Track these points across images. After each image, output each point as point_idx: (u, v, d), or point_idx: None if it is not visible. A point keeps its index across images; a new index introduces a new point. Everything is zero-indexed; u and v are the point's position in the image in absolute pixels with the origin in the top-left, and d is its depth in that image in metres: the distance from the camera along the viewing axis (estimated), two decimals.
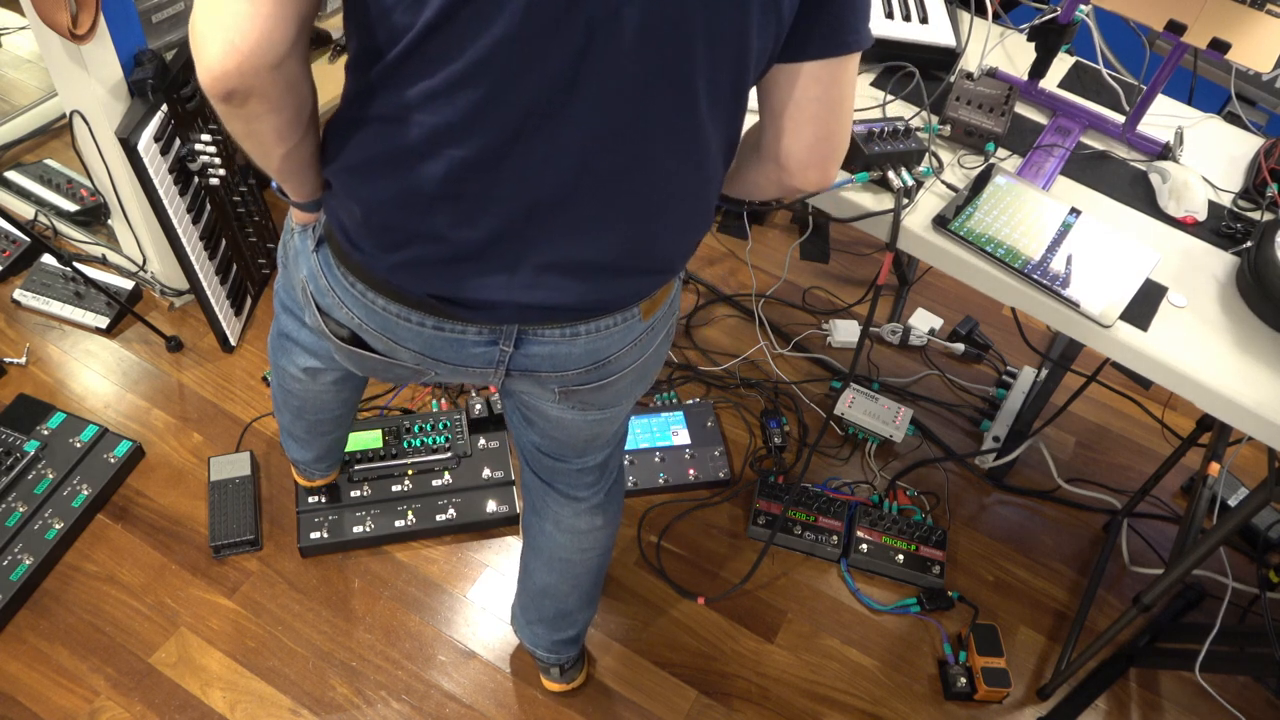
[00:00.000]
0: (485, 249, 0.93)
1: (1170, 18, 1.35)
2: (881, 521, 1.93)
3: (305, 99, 0.90)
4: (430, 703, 1.66)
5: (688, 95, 0.87)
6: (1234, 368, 1.24)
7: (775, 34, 0.87)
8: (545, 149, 0.86)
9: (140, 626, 1.69)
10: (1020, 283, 1.30)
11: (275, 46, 0.79)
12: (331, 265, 1.05)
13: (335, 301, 1.07)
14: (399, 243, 0.95)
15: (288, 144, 0.92)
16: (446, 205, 0.90)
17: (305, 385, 1.46)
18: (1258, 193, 1.47)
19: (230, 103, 0.83)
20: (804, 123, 0.96)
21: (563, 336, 1.03)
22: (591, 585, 1.52)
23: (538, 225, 0.92)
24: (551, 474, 1.37)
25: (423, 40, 0.80)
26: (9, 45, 2.69)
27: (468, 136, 0.85)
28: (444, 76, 0.82)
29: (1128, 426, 2.27)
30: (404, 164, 0.88)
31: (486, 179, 0.88)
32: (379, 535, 1.82)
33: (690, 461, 2.01)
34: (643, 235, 0.97)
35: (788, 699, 1.74)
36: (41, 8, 1.55)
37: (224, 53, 0.78)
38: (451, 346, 1.04)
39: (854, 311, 2.40)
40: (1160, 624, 1.88)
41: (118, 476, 1.85)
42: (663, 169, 0.92)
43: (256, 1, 0.77)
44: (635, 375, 1.15)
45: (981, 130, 1.45)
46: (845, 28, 0.90)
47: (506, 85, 0.82)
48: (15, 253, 2.19)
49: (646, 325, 1.09)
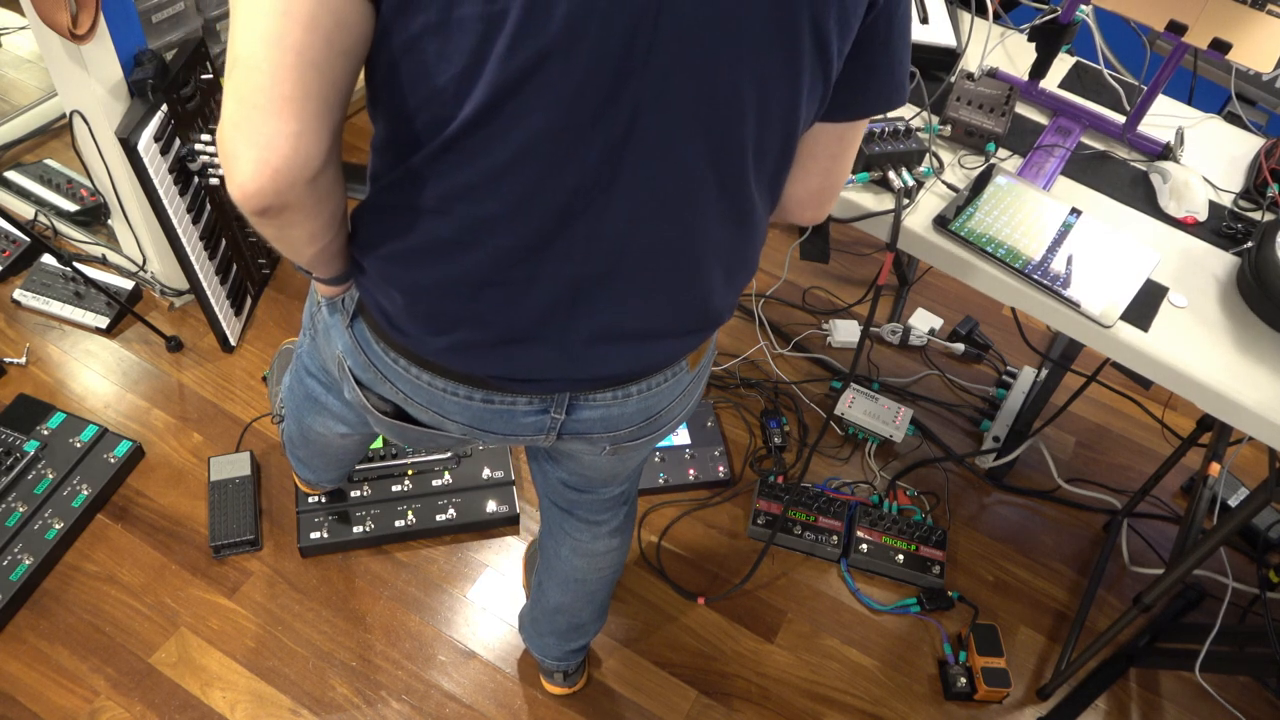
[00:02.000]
0: (533, 329, 0.91)
1: (1171, 18, 1.35)
2: (881, 521, 1.93)
3: (339, 203, 0.87)
4: (430, 703, 1.66)
5: (736, 167, 0.86)
6: (1234, 368, 1.24)
7: (822, 98, 0.87)
8: (591, 230, 0.84)
9: (140, 626, 1.68)
10: (1020, 283, 1.30)
11: (311, 161, 0.75)
12: (371, 342, 1.01)
13: (377, 377, 1.03)
14: (445, 328, 0.93)
15: (320, 244, 0.89)
16: (492, 291, 0.88)
17: (330, 441, 1.43)
18: (1258, 193, 1.47)
19: (266, 216, 0.79)
20: (814, 172, 0.97)
21: (614, 399, 1.02)
22: (604, 599, 1.52)
23: (585, 302, 0.90)
24: (572, 503, 1.35)
25: (464, 134, 0.77)
26: (9, 45, 2.69)
27: (513, 225, 0.83)
28: (487, 167, 0.79)
29: (1128, 426, 2.27)
30: (447, 254, 0.86)
31: (532, 262, 0.86)
32: (379, 535, 1.82)
33: (690, 461, 2.01)
34: (692, 297, 0.95)
35: (788, 699, 1.74)
36: (41, 8, 1.55)
37: (257, 171, 0.74)
38: (501, 418, 1.02)
39: (854, 311, 2.40)
40: (1160, 624, 1.88)
41: (118, 476, 1.85)
42: (711, 237, 0.91)
43: (288, 117, 0.73)
44: (680, 419, 1.14)
45: (982, 130, 1.45)
46: (894, 86, 0.90)
47: (551, 174, 0.80)
48: (15, 253, 2.19)
49: (694, 375, 1.08)
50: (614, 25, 0.72)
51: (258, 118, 0.73)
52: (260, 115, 0.72)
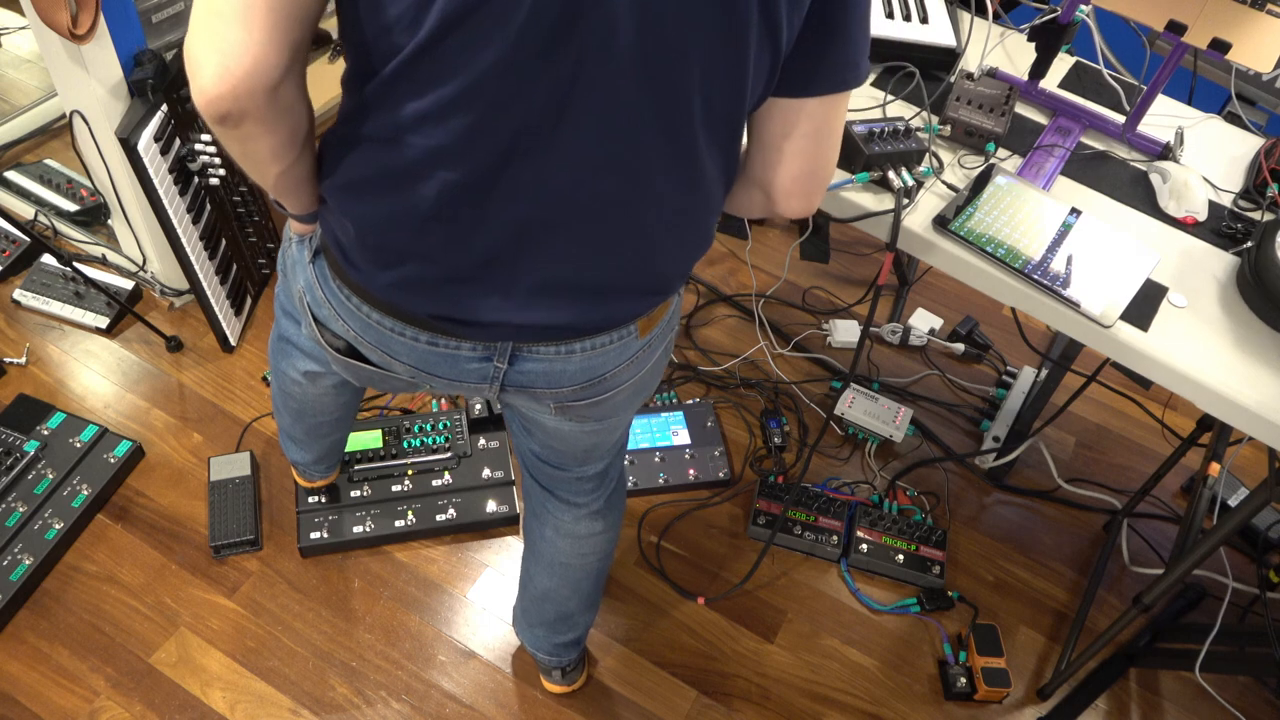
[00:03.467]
0: (478, 271, 0.93)
1: (1170, 18, 1.35)
2: (881, 521, 1.93)
3: (301, 120, 0.89)
4: (430, 703, 1.66)
5: (683, 125, 0.87)
6: (1234, 368, 1.24)
7: (771, 68, 0.87)
8: (537, 173, 0.86)
9: (140, 626, 1.69)
10: (1020, 283, 1.30)
11: (270, 71, 0.79)
12: (328, 278, 1.05)
13: (331, 314, 1.07)
14: (392, 262, 0.95)
15: (283, 163, 0.92)
16: (439, 227, 0.90)
17: (305, 389, 1.46)
18: (1258, 193, 1.47)
19: (225, 125, 0.83)
20: (793, 155, 0.97)
21: (558, 354, 1.03)
22: (592, 589, 1.52)
23: (531, 247, 0.92)
24: (552, 481, 1.37)
25: (415, 62, 0.79)
26: (9, 45, 2.69)
27: (459, 160, 0.85)
28: (435, 99, 0.81)
29: (1128, 426, 2.27)
30: (396, 185, 0.88)
31: (478, 202, 0.88)
32: (379, 535, 1.82)
33: (690, 461, 2.01)
34: (638, 257, 0.97)
35: (788, 699, 1.74)
36: (41, 8, 1.55)
37: (218, 76, 0.78)
38: (446, 362, 1.04)
39: (854, 311, 2.40)
40: (1160, 624, 1.88)
41: (118, 476, 1.85)
42: (659, 194, 0.92)
43: (251, 26, 0.77)
44: (632, 390, 1.15)
45: (982, 130, 1.45)
46: (845, 64, 0.90)
47: (497, 110, 0.82)
48: (15, 253, 2.19)
49: (643, 343, 1.08)
50: None
51: (222, 26, 0.77)
52: (224, 24, 0.77)
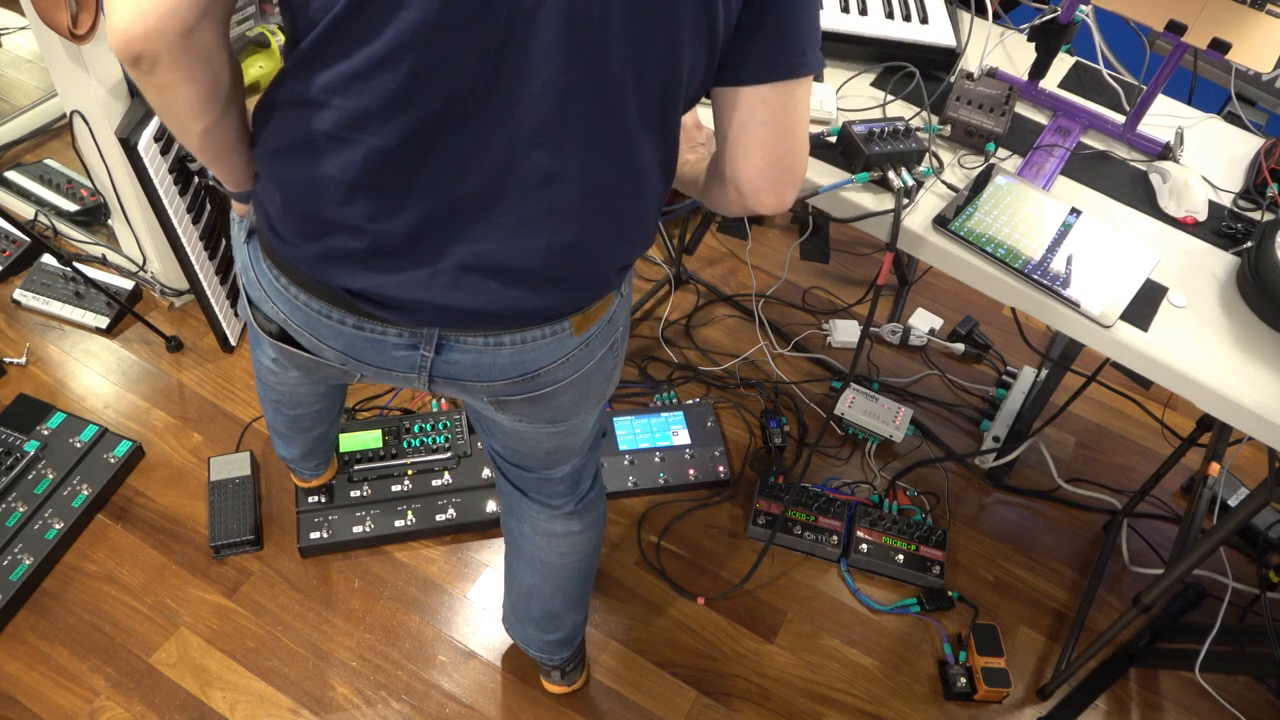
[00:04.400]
0: (405, 243, 0.91)
1: (1170, 18, 1.35)
2: (881, 521, 1.93)
3: (220, 73, 0.87)
4: (430, 703, 1.66)
5: (614, 104, 0.85)
6: (1234, 368, 1.24)
7: (709, 53, 0.86)
8: (468, 144, 0.84)
9: (140, 626, 1.69)
10: (1020, 283, 1.30)
11: (184, 13, 0.78)
12: (260, 258, 1.03)
13: (262, 295, 1.06)
14: (318, 232, 0.93)
15: (204, 120, 0.90)
16: (366, 195, 0.88)
17: (279, 377, 1.44)
18: (1258, 193, 1.47)
19: (139, 68, 0.81)
20: (752, 147, 0.95)
21: (486, 346, 1.01)
22: (575, 588, 1.49)
23: (460, 222, 0.90)
24: (521, 481, 1.35)
25: (343, 19, 0.78)
26: (9, 45, 2.69)
27: (385, 124, 0.83)
28: (363, 58, 0.80)
29: (1128, 426, 2.27)
30: (322, 150, 0.86)
31: (407, 170, 0.86)
32: (379, 535, 1.82)
33: (690, 461, 2.01)
34: (570, 243, 0.94)
35: (788, 699, 1.74)
36: (41, 8, 1.55)
37: (132, 15, 0.77)
38: (373, 348, 1.02)
39: (854, 311, 2.40)
40: (1160, 624, 1.88)
41: (118, 476, 1.85)
42: (591, 177, 0.90)
43: None
44: (575, 392, 1.12)
45: (982, 130, 1.45)
46: (789, 51, 0.88)
47: (426, 73, 0.80)
48: (15, 253, 2.19)
49: (579, 341, 1.05)
50: None
51: None
52: None
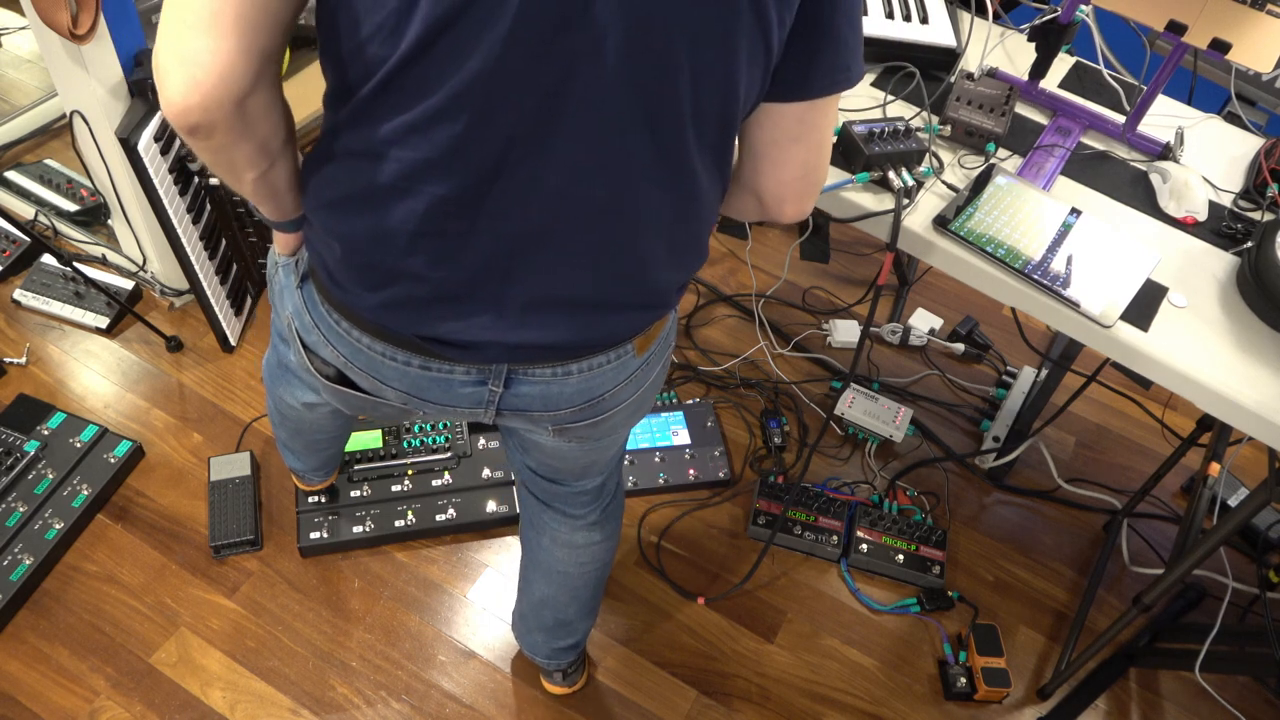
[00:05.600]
0: (469, 288, 0.91)
1: (1171, 18, 1.35)
2: (881, 521, 1.93)
3: (276, 127, 0.87)
4: (430, 703, 1.66)
5: (673, 130, 0.85)
6: (1234, 368, 1.24)
7: (764, 71, 0.86)
8: (527, 183, 0.84)
9: (140, 626, 1.69)
10: (1020, 283, 1.30)
11: (238, 81, 0.77)
12: (316, 302, 1.02)
13: (320, 339, 1.04)
14: (381, 282, 0.92)
15: (257, 169, 0.89)
16: (427, 244, 0.87)
17: (301, 414, 1.44)
18: (1258, 193, 1.47)
19: (195, 136, 0.81)
20: (784, 162, 0.95)
21: (554, 376, 1.00)
22: (590, 596, 1.51)
23: (522, 261, 0.89)
24: (548, 495, 1.35)
25: (399, 73, 0.77)
26: (9, 45, 2.69)
27: (447, 173, 0.82)
28: (421, 110, 0.79)
29: (1128, 426, 2.27)
30: (382, 201, 0.85)
31: (468, 216, 0.85)
32: (379, 535, 1.82)
33: (690, 461, 2.01)
34: (632, 269, 0.94)
35: (788, 699, 1.74)
36: (41, 8, 1.55)
37: (186, 88, 0.76)
38: (439, 386, 1.01)
39: (854, 311, 2.40)
40: (1160, 624, 1.88)
41: (118, 476, 1.85)
42: (650, 203, 0.89)
43: (218, 35, 0.74)
44: (630, 410, 1.12)
45: (982, 130, 1.45)
46: (837, 67, 0.89)
47: (486, 119, 0.79)
48: (15, 253, 2.19)
49: (641, 361, 1.05)
50: None
51: (189, 35, 0.75)
52: (191, 33, 0.75)
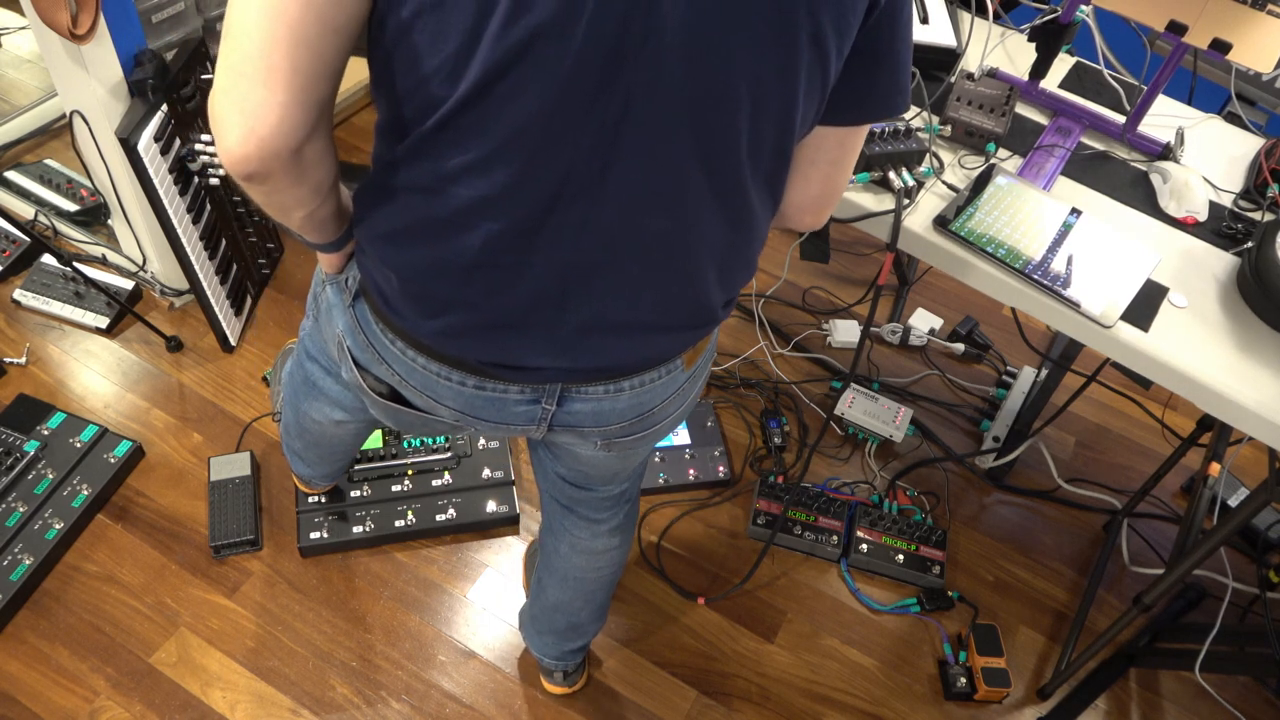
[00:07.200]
0: (524, 316, 0.91)
1: (1171, 18, 1.35)
2: (881, 521, 1.93)
3: (329, 171, 0.88)
4: (430, 703, 1.66)
5: (730, 163, 0.85)
6: (1234, 368, 1.24)
7: (820, 101, 0.87)
8: (581, 216, 0.84)
9: (140, 626, 1.68)
10: (1020, 283, 1.30)
11: (295, 132, 0.78)
12: (370, 321, 1.03)
13: (374, 358, 1.05)
14: (437, 310, 0.93)
15: (308, 208, 0.91)
16: (483, 275, 0.88)
17: (325, 429, 1.44)
18: (1258, 193, 1.47)
19: (251, 182, 0.82)
20: (813, 179, 0.97)
21: (606, 393, 1.01)
22: (603, 601, 1.52)
23: (576, 289, 0.90)
24: (573, 501, 1.36)
25: (458, 114, 0.78)
26: (9, 45, 2.69)
27: (504, 209, 0.83)
28: (479, 150, 0.79)
29: (1128, 426, 2.27)
30: (439, 235, 0.86)
31: (524, 248, 0.86)
32: (379, 535, 1.81)
33: (690, 461, 2.01)
34: (685, 293, 0.95)
35: (788, 699, 1.74)
36: (41, 8, 1.55)
37: (243, 138, 0.77)
38: (493, 406, 1.02)
39: (854, 311, 2.40)
40: (1160, 624, 1.88)
41: (118, 476, 1.85)
42: (704, 231, 0.90)
43: (275, 87, 0.75)
44: (675, 420, 1.14)
45: (982, 130, 1.45)
46: (895, 92, 0.90)
47: (542, 158, 0.80)
48: (15, 253, 2.19)
49: (689, 375, 1.07)
50: (609, 8, 0.72)
51: (245, 86, 0.76)
52: (248, 84, 0.76)
